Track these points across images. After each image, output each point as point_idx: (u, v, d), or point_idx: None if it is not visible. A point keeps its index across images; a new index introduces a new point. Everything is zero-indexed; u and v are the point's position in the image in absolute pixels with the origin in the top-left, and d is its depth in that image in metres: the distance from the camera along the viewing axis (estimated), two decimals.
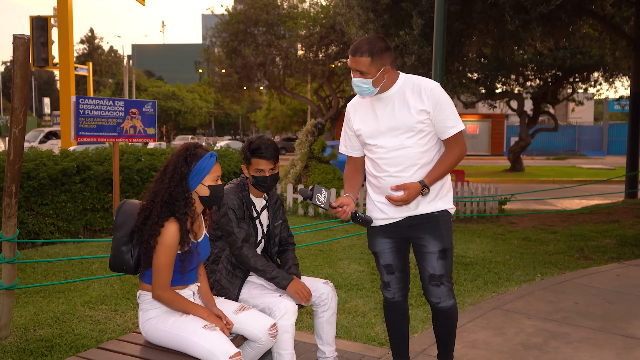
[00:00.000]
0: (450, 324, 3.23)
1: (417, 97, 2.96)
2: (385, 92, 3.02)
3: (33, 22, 20.08)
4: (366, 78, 2.93)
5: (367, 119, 3.10)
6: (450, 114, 2.97)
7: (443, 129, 2.98)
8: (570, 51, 19.41)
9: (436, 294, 3.12)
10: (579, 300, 5.08)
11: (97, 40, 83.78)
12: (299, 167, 11.15)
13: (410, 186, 2.91)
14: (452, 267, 3.15)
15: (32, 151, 7.65)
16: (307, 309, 4.63)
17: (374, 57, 2.90)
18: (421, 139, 3.00)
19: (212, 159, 2.77)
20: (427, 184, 2.95)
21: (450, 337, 3.28)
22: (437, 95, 2.95)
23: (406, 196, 2.90)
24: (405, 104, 2.98)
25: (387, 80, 2.99)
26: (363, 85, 2.95)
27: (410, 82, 3.01)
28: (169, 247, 2.64)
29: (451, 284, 3.15)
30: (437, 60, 6.86)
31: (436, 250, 3.07)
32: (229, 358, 2.54)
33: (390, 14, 10.24)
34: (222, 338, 2.62)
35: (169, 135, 59.32)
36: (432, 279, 3.10)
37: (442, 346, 3.31)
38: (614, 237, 8.15)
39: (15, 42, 3.62)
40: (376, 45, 2.91)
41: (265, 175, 3.24)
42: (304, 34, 25.51)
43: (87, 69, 26.47)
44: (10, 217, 3.87)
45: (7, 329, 4.07)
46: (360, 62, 2.91)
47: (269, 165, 3.24)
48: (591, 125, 46.36)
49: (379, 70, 2.92)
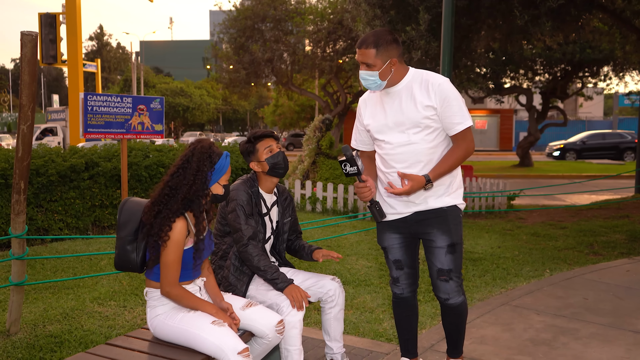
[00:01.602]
0: (460, 320, 3.21)
1: (424, 93, 2.94)
2: (393, 86, 3.00)
3: (42, 19, 20.17)
4: (372, 70, 2.92)
5: (376, 114, 3.10)
6: (457, 110, 2.93)
7: (450, 125, 2.96)
8: (579, 45, 19.25)
9: (445, 290, 3.11)
10: (588, 296, 5.05)
11: (106, 37, 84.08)
12: (306, 163, 11.14)
13: (414, 178, 2.88)
14: (461, 262, 3.13)
15: (41, 148, 7.68)
16: (314, 305, 4.63)
17: (380, 49, 2.89)
18: (428, 135, 2.98)
19: (227, 159, 2.81)
20: (432, 179, 2.92)
21: (460, 333, 3.26)
22: (444, 91, 2.92)
23: (409, 188, 2.87)
24: (412, 99, 2.96)
25: (395, 74, 2.96)
26: (370, 78, 2.94)
27: (419, 77, 2.99)
28: (178, 243, 2.65)
29: (460, 280, 3.13)
30: (445, 55, 6.83)
31: (444, 244, 3.06)
32: (238, 354, 2.54)
33: (397, 9, 10.20)
34: (230, 334, 2.62)
35: (177, 131, 59.45)
36: (440, 273, 3.09)
37: (452, 342, 3.30)
38: (623, 233, 8.10)
39: (23, 39, 3.63)
40: (382, 37, 2.90)
41: (278, 151, 3.28)
42: (311, 30, 25.44)
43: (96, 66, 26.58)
44: (20, 214, 3.89)
45: (17, 324, 4.10)
46: (366, 54, 2.90)
47: (274, 142, 3.31)
48: (601, 120, 46.01)
49: (385, 63, 2.91)
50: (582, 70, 22.01)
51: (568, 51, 19.34)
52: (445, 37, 6.82)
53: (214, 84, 55.54)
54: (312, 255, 3.43)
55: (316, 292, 3.36)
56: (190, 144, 2.83)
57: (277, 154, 3.27)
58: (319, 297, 3.37)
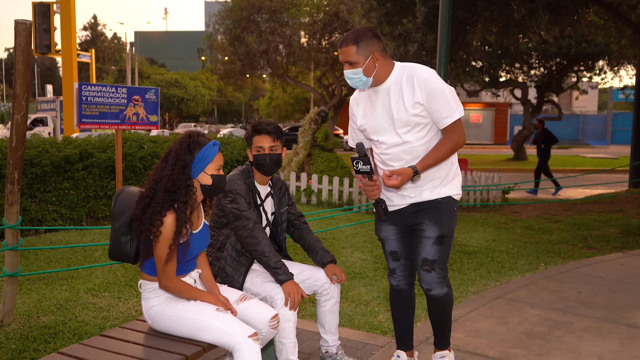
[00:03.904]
0: (444, 312, 3.20)
1: (411, 89, 2.92)
2: (381, 84, 2.99)
3: (35, 8, 20.00)
4: (356, 68, 2.91)
5: (367, 114, 3.09)
6: (444, 103, 2.89)
7: (438, 119, 2.94)
8: (575, 39, 19.28)
9: (426, 280, 3.09)
10: (582, 290, 5.06)
11: (100, 27, 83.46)
12: (302, 155, 11.12)
13: (402, 172, 2.87)
14: (447, 255, 3.12)
15: (35, 138, 7.64)
16: (310, 298, 4.62)
17: (360, 44, 2.88)
18: (419, 132, 2.97)
19: (214, 147, 2.74)
20: (419, 171, 2.90)
21: (445, 324, 3.26)
22: (429, 85, 2.88)
23: (399, 182, 2.86)
24: (401, 97, 2.94)
25: (380, 70, 2.95)
26: (355, 77, 2.93)
27: (405, 73, 2.96)
28: (170, 238, 2.62)
29: (444, 272, 3.11)
30: (442, 48, 6.81)
31: (433, 235, 3.05)
32: (249, 337, 2.53)
33: (394, 2, 10.18)
34: (236, 319, 2.62)
35: (172, 122, 59.27)
36: (424, 263, 3.07)
37: (438, 333, 3.31)
38: (617, 227, 8.13)
39: (17, 28, 3.59)
40: (361, 34, 2.90)
41: (265, 153, 3.23)
42: (307, 22, 25.39)
43: (90, 56, 26.40)
44: (13, 204, 3.86)
45: (11, 315, 4.08)
46: (347, 52, 2.90)
47: (269, 142, 3.25)
48: (595, 115, 46.18)
49: (367, 58, 2.89)
50: (578, 64, 22.05)
51: (563, 45, 19.37)
52: (442, 30, 6.80)
53: (208, 76, 55.35)
54: (324, 268, 3.38)
55: (311, 284, 3.35)
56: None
57: (263, 156, 3.23)
58: (314, 289, 3.36)
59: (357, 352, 3.71)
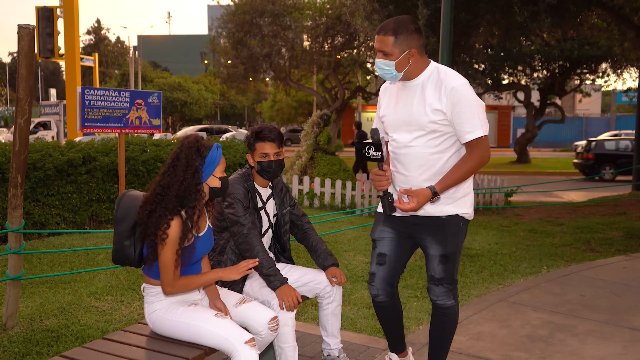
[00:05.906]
0: (447, 324, 3.06)
1: (436, 94, 2.76)
2: (411, 80, 2.84)
3: (39, 12, 20.07)
4: (389, 59, 2.76)
5: (390, 107, 2.96)
6: (469, 117, 2.72)
7: (460, 132, 2.77)
8: (578, 42, 19.27)
9: (434, 292, 3.02)
10: (585, 293, 5.05)
11: (104, 31, 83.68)
12: (304, 158, 11.13)
13: (419, 194, 2.73)
14: (455, 270, 3.01)
15: (38, 142, 7.66)
16: (312, 301, 4.63)
17: (398, 37, 2.73)
18: (432, 140, 2.81)
19: (219, 150, 2.76)
20: (438, 192, 2.75)
21: (444, 338, 3.10)
22: (456, 96, 2.71)
23: (415, 205, 2.73)
24: (424, 100, 2.79)
25: (413, 67, 2.79)
26: (385, 68, 2.78)
27: (437, 76, 2.80)
28: (176, 242, 2.62)
29: (451, 286, 3.01)
30: (444, 51, 6.81)
31: (437, 254, 2.94)
32: (245, 343, 2.54)
33: (396, 4, 10.19)
34: (234, 325, 2.63)
35: (175, 126, 59.31)
36: (432, 280, 3.01)
37: (433, 347, 3.14)
38: (620, 230, 8.11)
39: (20, 32, 3.60)
40: (403, 25, 2.74)
41: (270, 160, 3.21)
42: (309, 25, 25.39)
43: (93, 60, 26.50)
44: (16, 208, 3.87)
45: (14, 319, 4.09)
46: (383, 41, 2.75)
47: (273, 149, 3.22)
48: (598, 117, 46.09)
49: (403, 52, 2.74)
50: (580, 67, 22.04)
51: (566, 48, 19.36)
52: (444, 32, 6.81)
53: (211, 79, 55.34)
54: (325, 271, 3.37)
55: (313, 288, 3.35)
56: (178, 142, 2.80)
57: (269, 163, 3.22)
58: (317, 293, 3.36)
59: (359, 356, 3.70)
